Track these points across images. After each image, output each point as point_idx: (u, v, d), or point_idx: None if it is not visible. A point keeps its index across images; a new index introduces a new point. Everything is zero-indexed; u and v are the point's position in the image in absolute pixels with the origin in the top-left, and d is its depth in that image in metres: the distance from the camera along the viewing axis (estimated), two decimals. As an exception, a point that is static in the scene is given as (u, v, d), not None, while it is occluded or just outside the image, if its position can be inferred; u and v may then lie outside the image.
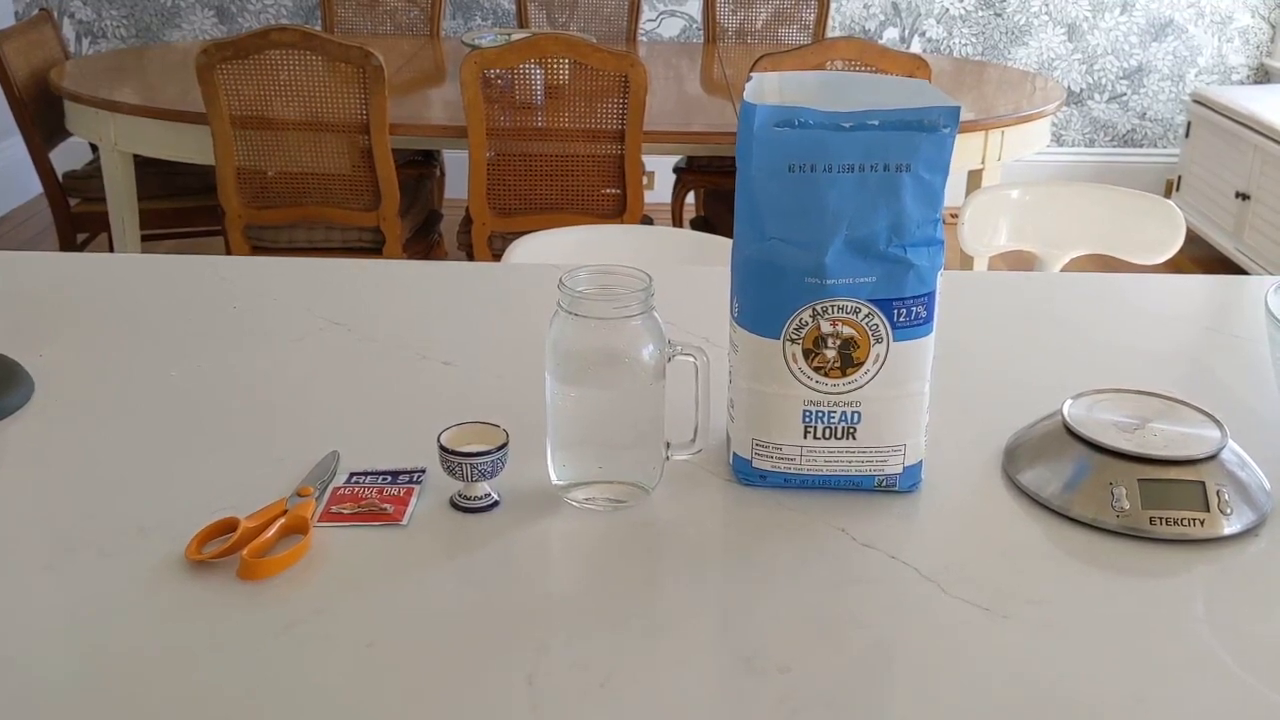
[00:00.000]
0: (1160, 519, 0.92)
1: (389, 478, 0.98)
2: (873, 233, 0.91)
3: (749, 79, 1.01)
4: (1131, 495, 0.93)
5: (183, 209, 3.37)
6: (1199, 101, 4.32)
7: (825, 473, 0.97)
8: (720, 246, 1.84)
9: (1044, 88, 3.48)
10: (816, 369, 0.93)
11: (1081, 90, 4.80)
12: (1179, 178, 4.48)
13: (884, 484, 0.97)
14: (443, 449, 0.93)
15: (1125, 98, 4.82)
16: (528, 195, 2.93)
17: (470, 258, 3.00)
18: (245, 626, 0.81)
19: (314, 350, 1.24)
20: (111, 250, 3.30)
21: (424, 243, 3.22)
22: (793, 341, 0.93)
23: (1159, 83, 4.79)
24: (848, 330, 0.92)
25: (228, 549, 0.87)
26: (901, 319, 0.92)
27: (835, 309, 0.92)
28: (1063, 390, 1.06)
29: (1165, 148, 4.88)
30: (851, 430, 0.95)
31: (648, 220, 3.07)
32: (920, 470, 0.98)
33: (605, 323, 0.92)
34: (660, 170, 4.37)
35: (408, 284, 1.44)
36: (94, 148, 3.31)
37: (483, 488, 0.95)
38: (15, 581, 0.86)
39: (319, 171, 2.92)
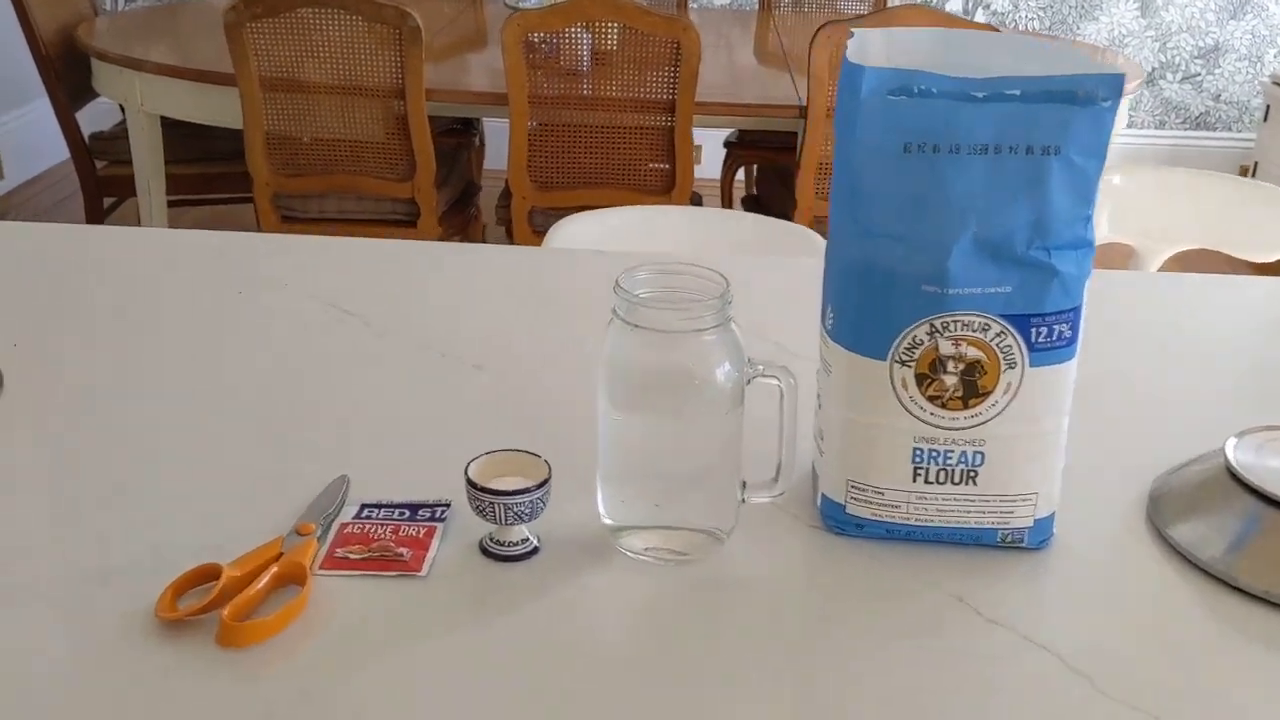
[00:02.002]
0: (1355, 595, 0.74)
1: (406, 512, 0.82)
2: (1009, 231, 0.73)
3: (850, 35, 0.83)
4: (1318, 564, 0.75)
5: (212, 174, 3.22)
6: (1278, 84, 4.08)
7: (938, 524, 0.79)
8: (785, 231, 1.66)
9: (1117, 66, 3.26)
10: (932, 398, 0.76)
11: (1154, 69, 4.56)
12: (1255, 164, 4.24)
13: (1009, 539, 0.79)
14: (471, 485, 0.76)
15: (1199, 78, 4.57)
16: (570, 168, 2.76)
17: (509, 233, 2.84)
18: (219, 709, 0.65)
19: (323, 347, 1.08)
20: (138, 217, 3.17)
21: (461, 216, 3.06)
22: (903, 364, 0.75)
23: (1236, 63, 4.54)
24: (973, 352, 0.75)
25: (207, 605, 0.71)
26: (1041, 340, 0.74)
27: (958, 325, 0.74)
28: (1224, 424, 0.87)
29: (1240, 132, 4.63)
30: (972, 474, 0.77)
31: (697, 198, 2.89)
32: (1052, 524, 0.80)
33: (671, 336, 0.75)
34: (708, 144, 4.19)
35: (433, 269, 1.27)
36: (123, 109, 3.17)
37: (519, 531, 0.78)
38: (-54, 638, 0.70)
39: (351, 138, 2.76)
